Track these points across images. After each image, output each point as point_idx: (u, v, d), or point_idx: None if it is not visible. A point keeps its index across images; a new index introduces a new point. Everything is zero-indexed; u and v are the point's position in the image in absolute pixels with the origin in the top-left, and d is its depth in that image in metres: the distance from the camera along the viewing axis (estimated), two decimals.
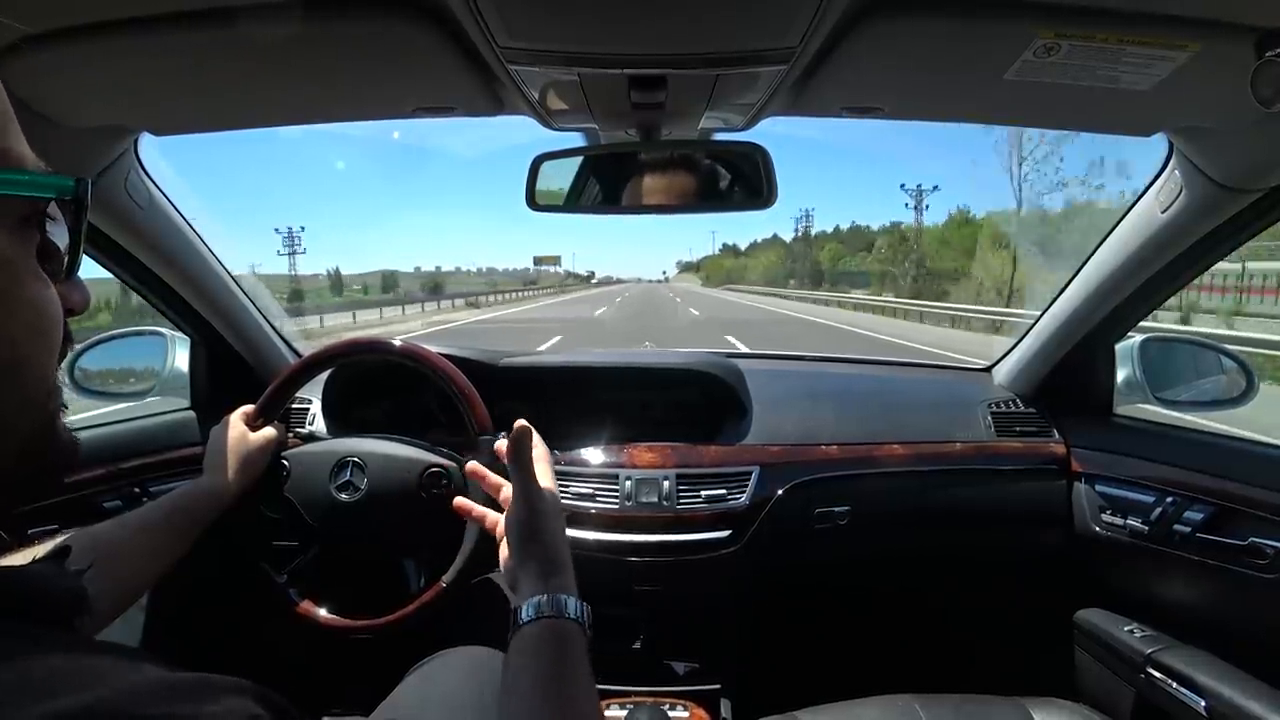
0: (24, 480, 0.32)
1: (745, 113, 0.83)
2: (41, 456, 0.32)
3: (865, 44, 0.63)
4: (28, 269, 0.29)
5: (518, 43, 0.63)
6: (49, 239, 0.31)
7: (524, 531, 0.56)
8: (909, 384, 1.49)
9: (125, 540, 0.69)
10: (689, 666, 1.18)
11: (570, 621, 0.50)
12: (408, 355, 0.92)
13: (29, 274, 0.29)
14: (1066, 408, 1.25)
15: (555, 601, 0.50)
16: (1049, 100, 0.73)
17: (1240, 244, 0.95)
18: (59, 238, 0.32)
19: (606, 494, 1.11)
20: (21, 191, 0.29)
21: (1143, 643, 1.00)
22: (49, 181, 0.30)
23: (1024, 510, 1.21)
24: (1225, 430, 1.11)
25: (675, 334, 13.54)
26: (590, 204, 0.91)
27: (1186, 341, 1.24)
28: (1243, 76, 0.59)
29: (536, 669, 0.47)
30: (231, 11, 0.59)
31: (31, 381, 0.29)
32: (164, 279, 1.09)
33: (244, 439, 0.84)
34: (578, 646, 0.49)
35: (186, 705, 0.24)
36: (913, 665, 1.22)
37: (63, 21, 0.59)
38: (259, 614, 0.94)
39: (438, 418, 1.18)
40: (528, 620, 0.50)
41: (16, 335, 0.28)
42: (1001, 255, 21.15)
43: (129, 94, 0.75)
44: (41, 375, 0.30)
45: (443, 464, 0.87)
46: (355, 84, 0.76)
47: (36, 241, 0.30)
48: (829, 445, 1.20)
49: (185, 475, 1.07)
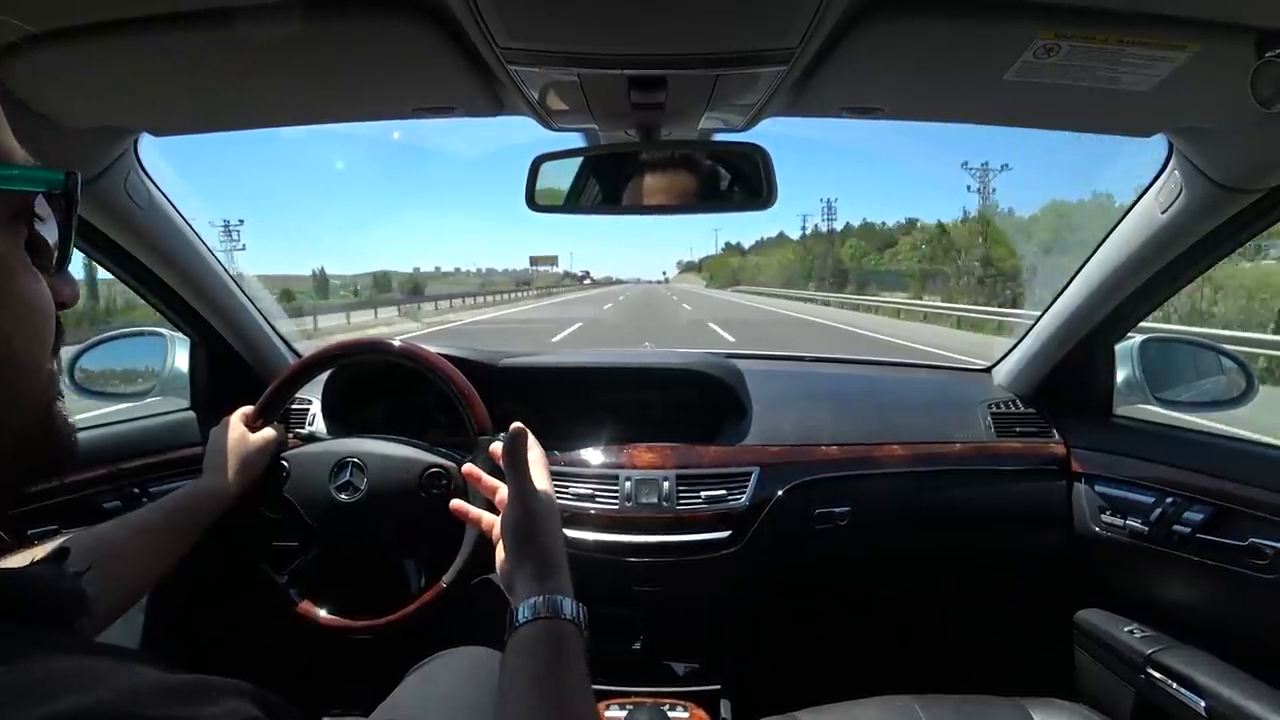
0: (23, 472, 0.32)
1: (745, 113, 0.83)
2: (40, 448, 0.32)
3: (865, 44, 0.63)
4: (19, 263, 0.29)
5: (518, 43, 0.63)
6: (37, 233, 0.31)
7: (519, 533, 0.56)
8: (909, 384, 1.49)
9: (125, 541, 0.69)
10: (689, 667, 1.18)
11: (566, 622, 0.50)
12: (407, 355, 0.92)
13: (20, 268, 0.29)
14: (1066, 408, 1.25)
15: (551, 602, 0.50)
16: (1049, 101, 0.73)
17: (1240, 244, 0.95)
18: (48, 232, 0.32)
19: (606, 494, 1.11)
20: (12, 186, 0.29)
21: (1142, 643, 1.00)
22: (39, 175, 0.30)
23: (1024, 510, 1.21)
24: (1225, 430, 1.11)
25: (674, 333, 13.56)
26: (590, 204, 0.91)
27: (1186, 342, 1.25)
28: (1242, 77, 0.59)
29: (532, 670, 0.47)
30: (231, 12, 0.59)
31: (25, 374, 0.30)
32: (164, 279, 1.09)
33: (243, 440, 0.84)
34: (574, 647, 0.49)
35: (186, 707, 0.24)
36: (913, 665, 1.22)
37: (63, 21, 0.59)
38: (259, 614, 0.94)
39: (437, 418, 1.18)
40: (524, 621, 0.50)
41: (9, 329, 0.28)
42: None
43: (129, 94, 0.75)
44: (35, 368, 0.30)
45: (442, 464, 0.87)
46: (355, 84, 0.76)
47: (25, 236, 0.30)
48: (829, 445, 1.20)
49: (185, 475, 1.07)
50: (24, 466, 0.31)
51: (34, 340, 0.30)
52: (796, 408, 1.27)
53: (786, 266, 57.44)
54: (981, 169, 27.77)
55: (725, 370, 1.27)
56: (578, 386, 1.29)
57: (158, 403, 1.22)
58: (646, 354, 1.78)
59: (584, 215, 0.93)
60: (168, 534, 0.73)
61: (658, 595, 1.12)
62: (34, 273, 0.30)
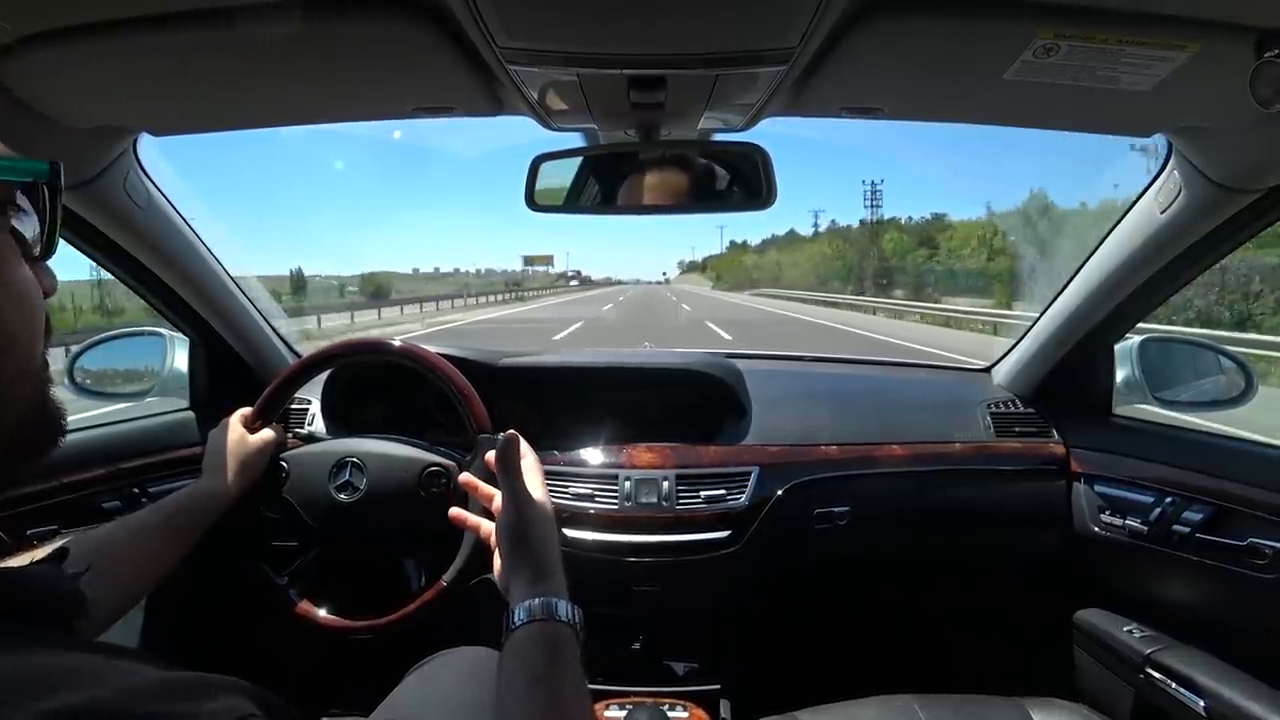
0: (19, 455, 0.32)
1: (745, 113, 0.83)
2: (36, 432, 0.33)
3: (865, 44, 0.63)
4: (10, 249, 0.30)
5: (517, 43, 0.63)
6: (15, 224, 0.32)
7: (514, 538, 0.57)
8: (908, 384, 1.49)
9: (125, 543, 0.69)
10: (689, 667, 1.18)
11: (561, 624, 0.51)
12: (406, 355, 0.92)
13: (11, 254, 0.30)
14: (1066, 408, 1.25)
15: (546, 605, 0.51)
16: (1048, 100, 0.74)
17: (1240, 244, 0.95)
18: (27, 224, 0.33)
19: (606, 494, 1.11)
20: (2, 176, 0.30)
21: (1142, 643, 1.00)
22: (25, 166, 0.31)
23: (1023, 510, 1.21)
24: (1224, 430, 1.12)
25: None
26: (589, 204, 0.91)
27: (1185, 342, 1.25)
28: (1242, 76, 0.59)
29: (529, 672, 0.48)
30: (231, 11, 0.59)
31: (20, 358, 0.30)
32: (163, 279, 1.09)
33: (243, 440, 0.84)
34: (569, 648, 0.50)
35: (184, 704, 0.25)
36: (912, 665, 1.22)
37: (63, 21, 0.59)
38: (259, 615, 0.94)
39: (437, 418, 1.18)
40: (520, 624, 0.50)
41: (9, 313, 0.29)
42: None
43: (128, 94, 0.75)
44: (30, 354, 0.31)
45: (442, 463, 0.87)
46: (355, 84, 0.76)
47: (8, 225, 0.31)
48: (828, 445, 1.20)
49: (185, 475, 1.07)
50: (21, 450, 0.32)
51: (29, 324, 0.31)
52: (796, 407, 1.27)
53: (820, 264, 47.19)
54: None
55: (725, 370, 1.27)
56: (577, 386, 1.29)
57: (157, 403, 1.22)
58: (646, 354, 1.78)
59: (584, 215, 0.93)
60: (167, 535, 0.73)
61: (657, 595, 1.12)
62: (21, 260, 0.31)
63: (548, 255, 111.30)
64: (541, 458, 0.67)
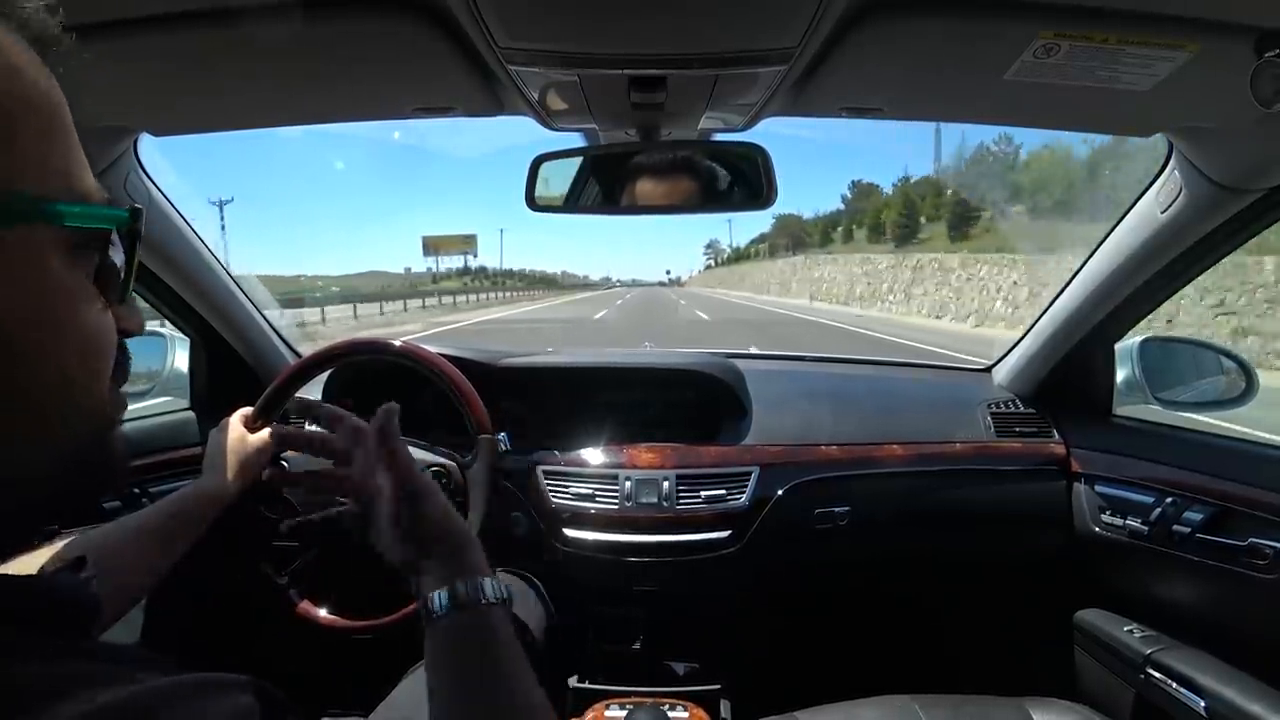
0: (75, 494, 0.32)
1: (745, 113, 0.83)
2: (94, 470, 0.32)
3: (865, 44, 0.63)
4: (83, 295, 0.29)
5: (517, 43, 0.63)
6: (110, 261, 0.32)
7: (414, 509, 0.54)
8: (909, 384, 1.49)
9: (126, 543, 0.69)
10: (689, 666, 1.18)
11: (495, 606, 0.48)
12: (407, 355, 0.92)
13: (84, 300, 0.29)
14: (1066, 408, 1.25)
15: (472, 586, 0.48)
16: (1049, 100, 0.74)
17: (1240, 244, 0.95)
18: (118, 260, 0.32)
19: (606, 494, 1.11)
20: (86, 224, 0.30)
21: (1142, 643, 1.00)
22: (109, 214, 0.31)
23: (1024, 511, 1.21)
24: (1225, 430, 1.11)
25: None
26: (590, 204, 0.91)
27: (1186, 342, 1.25)
28: (1242, 76, 0.60)
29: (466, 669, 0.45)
30: (231, 12, 0.59)
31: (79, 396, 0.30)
32: (163, 279, 1.09)
33: (243, 441, 0.84)
34: (505, 630, 0.47)
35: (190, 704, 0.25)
36: (912, 665, 1.22)
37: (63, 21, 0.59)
38: (259, 615, 0.94)
39: (437, 418, 1.18)
40: (442, 611, 0.47)
41: (66, 360, 0.28)
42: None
43: (129, 94, 0.75)
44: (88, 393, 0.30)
45: (442, 463, 0.87)
46: (355, 84, 0.76)
47: (94, 265, 0.31)
48: (829, 445, 1.20)
49: (185, 476, 1.07)
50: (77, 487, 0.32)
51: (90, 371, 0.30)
52: (796, 407, 1.27)
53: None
54: None
55: (725, 370, 1.27)
56: (578, 386, 1.29)
57: (157, 403, 1.22)
58: (646, 354, 1.78)
59: (584, 215, 0.93)
60: (168, 535, 0.73)
61: (658, 595, 1.12)
62: (98, 303, 0.30)
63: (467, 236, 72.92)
64: (542, 458, 0.67)
